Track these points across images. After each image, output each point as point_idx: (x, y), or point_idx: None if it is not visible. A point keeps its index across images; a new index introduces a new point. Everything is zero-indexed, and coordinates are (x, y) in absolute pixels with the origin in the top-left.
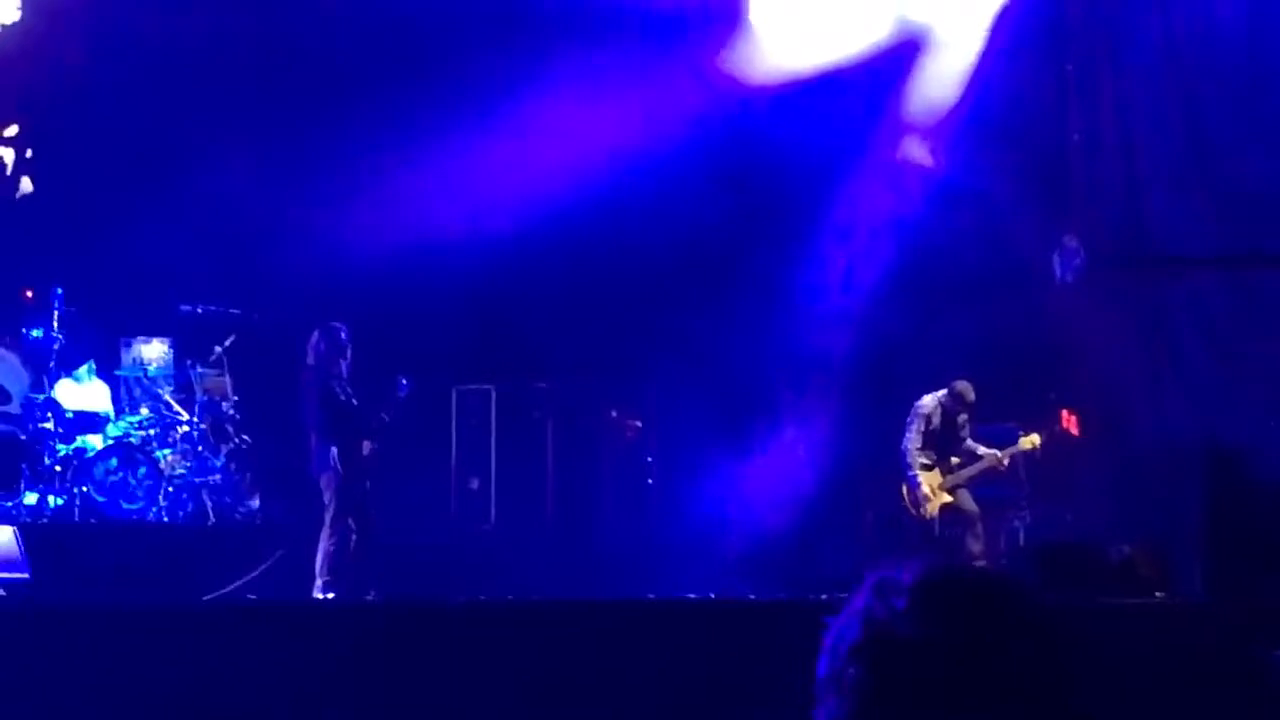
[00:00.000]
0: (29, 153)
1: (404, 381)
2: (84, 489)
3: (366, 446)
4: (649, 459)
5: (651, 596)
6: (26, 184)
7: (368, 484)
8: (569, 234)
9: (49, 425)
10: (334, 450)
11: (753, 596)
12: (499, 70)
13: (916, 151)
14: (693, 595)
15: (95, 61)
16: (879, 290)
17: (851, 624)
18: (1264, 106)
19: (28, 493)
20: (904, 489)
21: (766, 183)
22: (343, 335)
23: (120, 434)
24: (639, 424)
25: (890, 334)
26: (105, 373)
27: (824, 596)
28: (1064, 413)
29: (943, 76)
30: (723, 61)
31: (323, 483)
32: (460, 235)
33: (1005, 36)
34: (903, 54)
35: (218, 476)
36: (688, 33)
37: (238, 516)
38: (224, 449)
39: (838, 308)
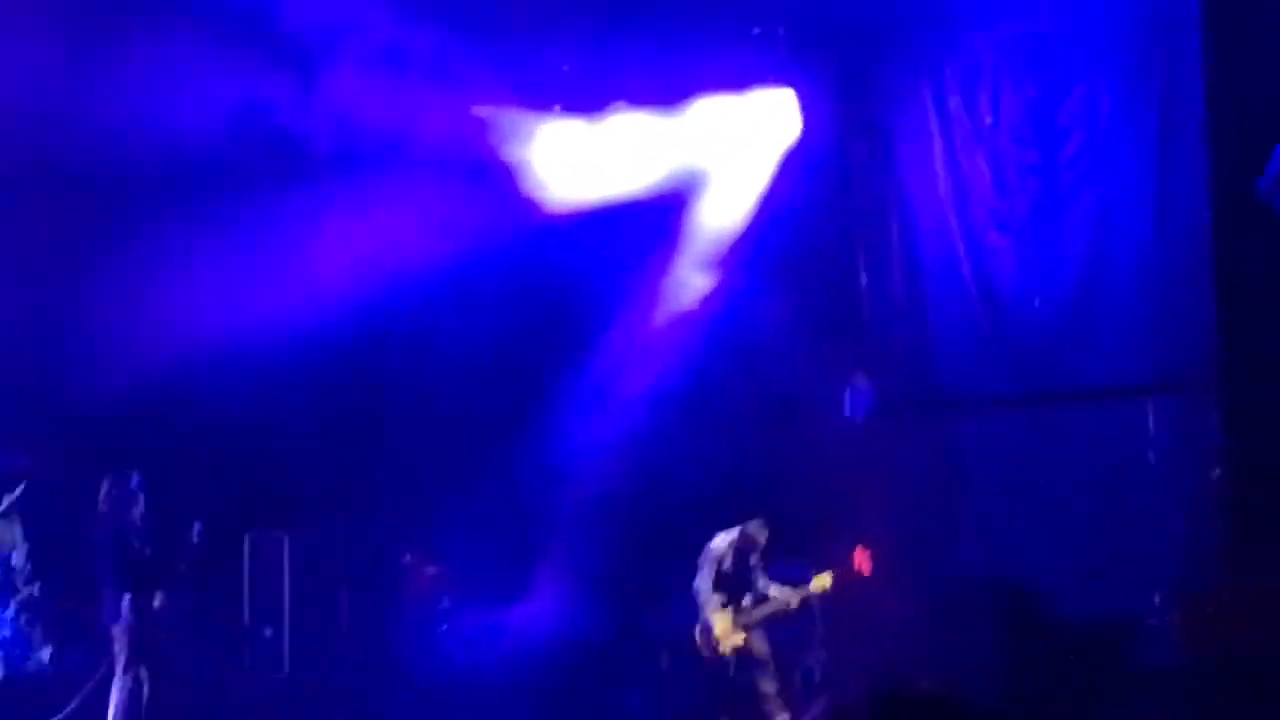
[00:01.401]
0: None
1: (198, 527)
2: None
3: (159, 597)
4: (444, 603)
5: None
6: None
7: (161, 634)
8: (358, 371)
9: None
10: (126, 599)
11: None
12: (284, 209)
13: (695, 281)
14: None
15: None
16: (668, 426)
17: None
18: (1052, 248)
19: None
20: (697, 631)
21: (554, 311)
22: (133, 483)
23: None
24: (433, 569)
25: (681, 471)
26: None
27: None
28: (857, 551)
29: (729, 214)
30: (511, 190)
31: (114, 632)
32: (252, 374)
33: (792, 178)
34: (688, 189)
35: (7, 630)
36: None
37: (28, 669)
38: (13, 601)
39: (627, 443)
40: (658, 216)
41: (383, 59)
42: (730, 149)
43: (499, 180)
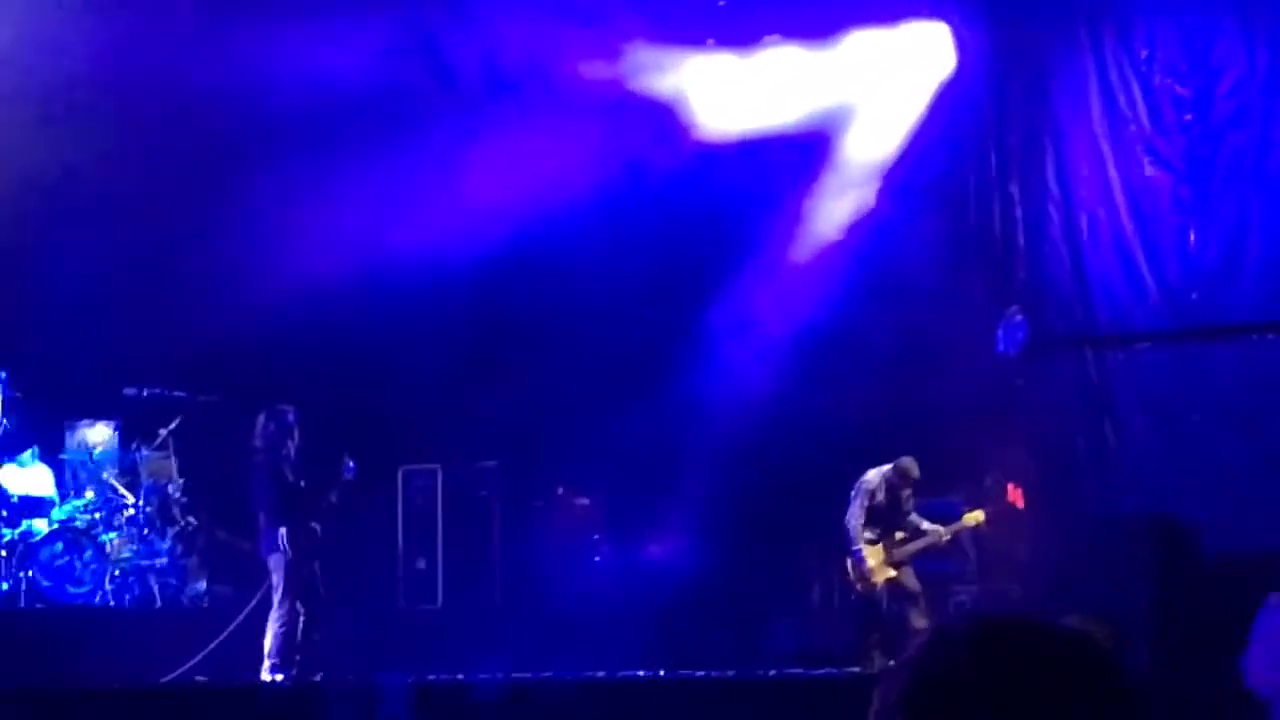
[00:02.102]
0: None
1: (350, 463)
2: (29, 574)
3: (314, 529)
4: (596, 536)
5: (601, 674)
6: None
7: (316, 565)
8: (509, 307)
9: None
10: (282, 532)
11: (702, 674)
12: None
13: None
14: (643, 673)
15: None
16: (824, 364)
17: (901, 675)
18: (1207, 184)
19: None
20: (848, 564)
21: (703, 245)
22: (290, 417)
23: (65, 518)
24: (586, 501)
25: (835, 409)
26: (49, 457)
27: (773, 672)
28: (1009, 487)
29: (881, 147)
30: (660, 124)
31: (271, 564)
32: (404, 315)
33: (946, 111)
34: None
35: (164, 559)
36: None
37: (184, 599)
38: (170, 532)
39: (778, 376)
40: (808, 150)
41: None
42: (882, 82)
43: (648, 114)
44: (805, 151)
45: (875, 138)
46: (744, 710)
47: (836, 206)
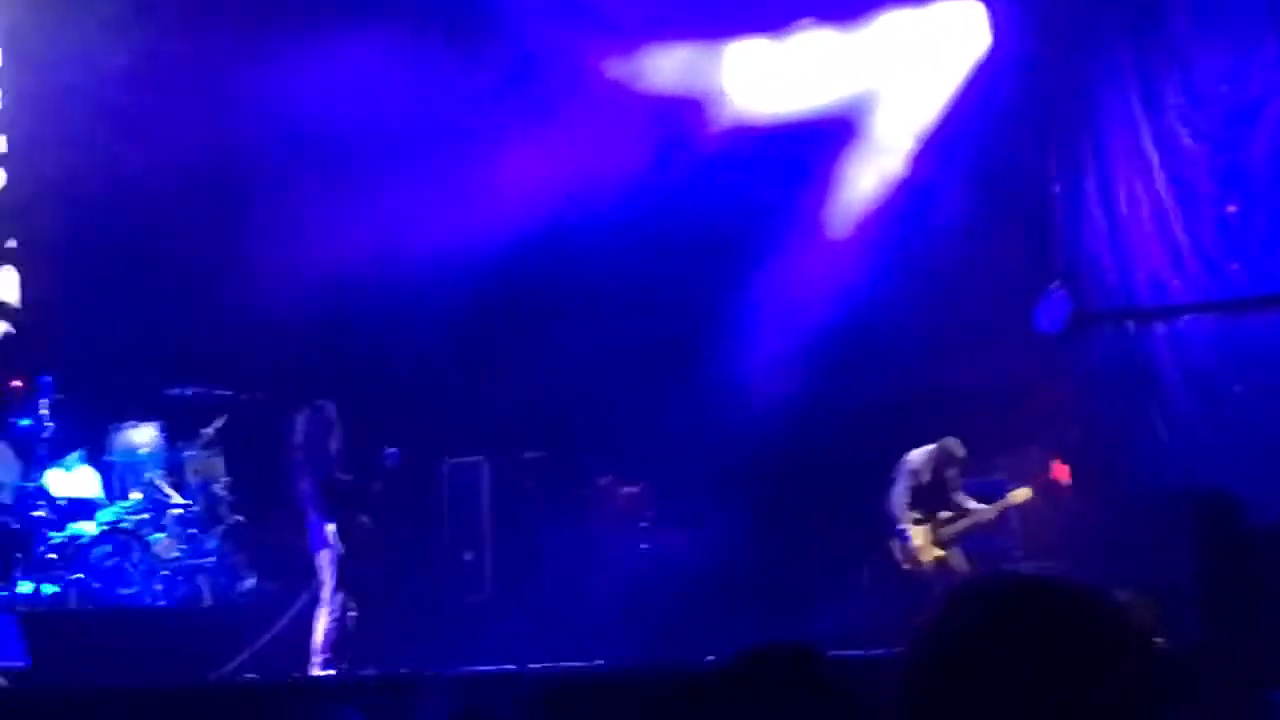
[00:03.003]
0: (12, 242)
1: (392, 451)
2: (79, 576)
3: (362, 523)
4: (643, 524)
5: (655, 663)
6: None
7: (365, 560)
8: (551, 304)
9: (41, 513)
10: (330, 527)
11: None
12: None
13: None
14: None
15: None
16: (865, 345)
17: (919, 635)
18: (1246, 154)
19: (22, 582)
20: (895, 545)
21: (743, 229)
22: (331, 413)
23: (113, 519)
24: (633, 489)
25: (877, 389)
26: (95, 459)
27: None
28: (1054, 463)
29: (917, 126)
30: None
31: (320, 560)
32: (444, 309)
33: (981, 89)
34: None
35: (213, 558)
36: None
37: (235, 597)
38: (218, 530)
39: (822, 362)
40: (843, 132)
41: None
42: (916, 62)
43: (679, 105)
44: (840, 133)
45: (910, 117)
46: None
47: (872, 187)
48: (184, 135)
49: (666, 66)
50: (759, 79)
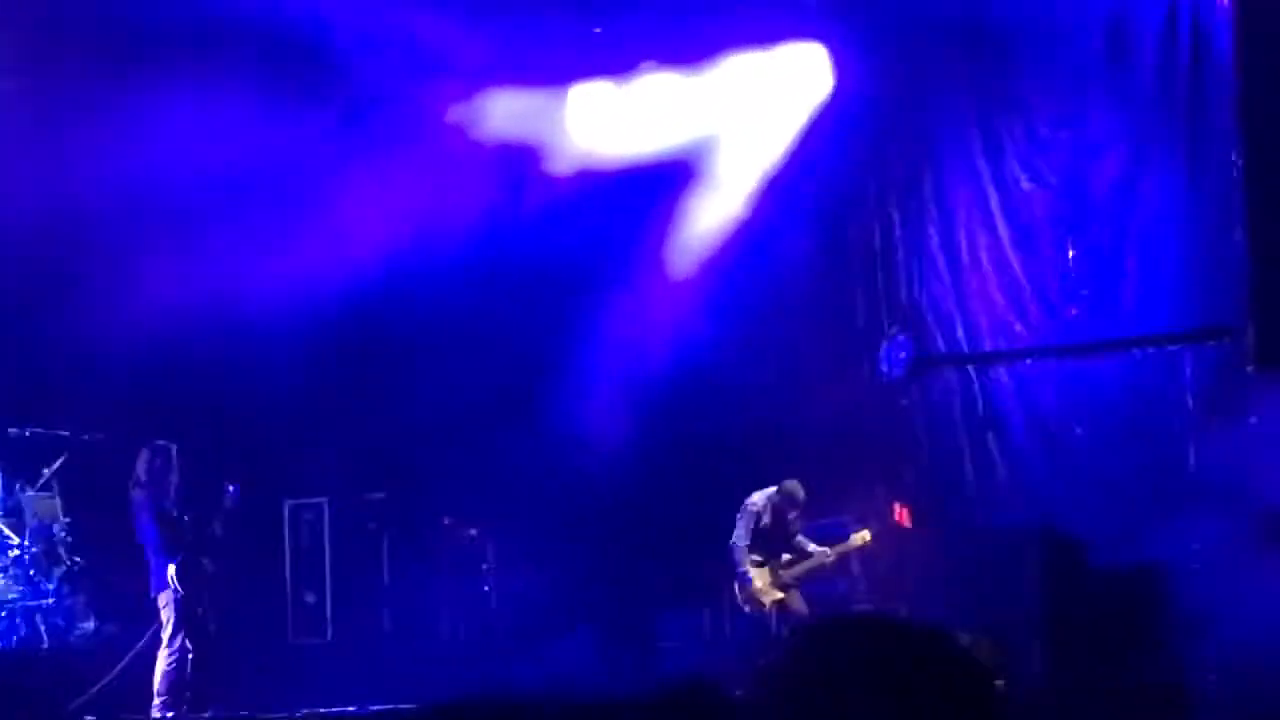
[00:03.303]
0: None
1: (231, 488)
2: None
3: (202, 565)
4: (485, 565)
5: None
6: None
7: (206, 601)
8: (389, 345)
9: None
10: (171, 568)
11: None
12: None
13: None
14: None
15: None
16: (708, 387)
17: (760, 674)
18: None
19: None
20: (736, 586)
21: (583, 274)
22: (171, 453)
23: None
24: (473, 531)
25: (719, 431)
26: None
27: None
28: (895, 506)
29: (759, 170)
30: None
31: (161, 601)
32: (286, 350)
33: (824, 132)
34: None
35: (51, 600)
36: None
37: (73, 639)
38: (57, 572)
39: (663, 404)
40: (688, 173)
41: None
42: (760, 105)
43: (519, 150)
44: (682, 175)
45: (753, 160)
46: None
47: (715, 229)
48: (21, 180)
49: (507, 111)
50: (602, 122)
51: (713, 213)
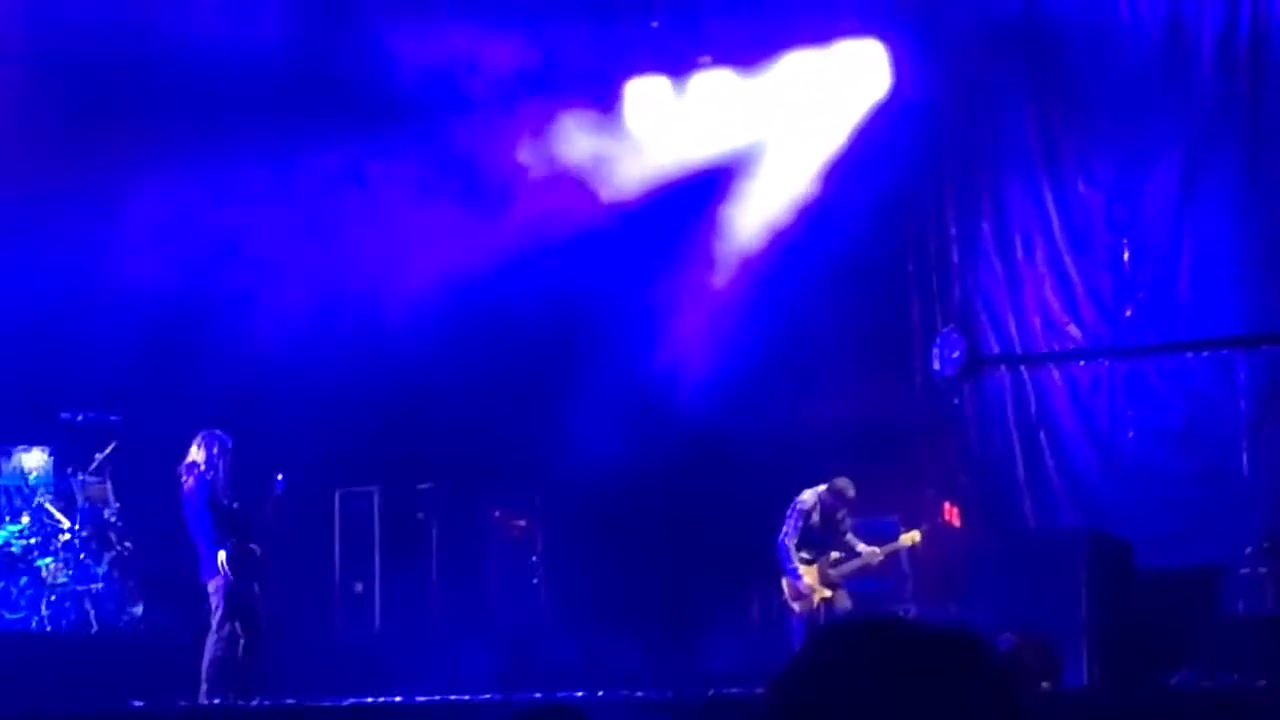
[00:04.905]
0: None
1: (280, 478)
2: None
3: (255, 550)
4: (534, 558)
5: (538, 696)
6: None
7: (256, 588)
8: (450, 336)
9: None
10: (222, 555)
11: (641, 694)
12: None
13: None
14: (581, 694)
15: None
16: (757, 382)
17: (783, 679)
18: (1140, 202)
19: None
20: (784, 583)
21: (635, 273)
22: (224, 441)
23: (0, 543)
24: (523, 523)
25: (772, 428)
26: None
27: (711, 692)
28: (946, 505)
29: (816, 168)
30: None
31: (211, 587)
32: (341, 338)
33: (881, 130)
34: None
35: (100, 584)
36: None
37: (121, 624)
38: (106, 556)
39: (716, 402)
40: (741, 173)
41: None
42: (817, 101)
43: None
44: (737, 174)
45: (809, 158)
46: None
47: (769, 227)
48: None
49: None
50: (660, 120)
51: (767, 210)
